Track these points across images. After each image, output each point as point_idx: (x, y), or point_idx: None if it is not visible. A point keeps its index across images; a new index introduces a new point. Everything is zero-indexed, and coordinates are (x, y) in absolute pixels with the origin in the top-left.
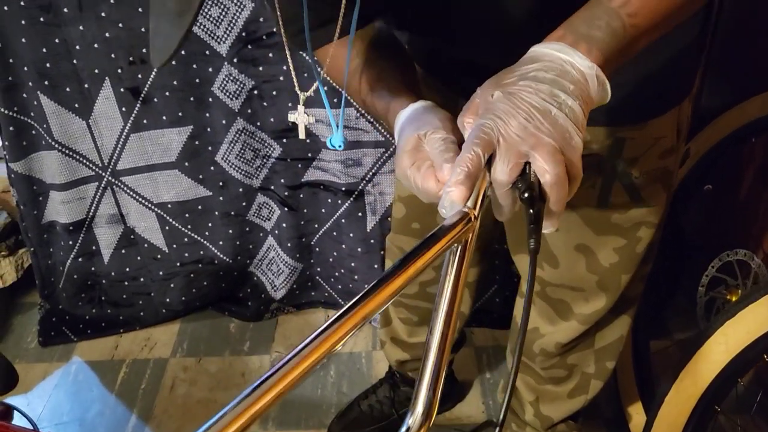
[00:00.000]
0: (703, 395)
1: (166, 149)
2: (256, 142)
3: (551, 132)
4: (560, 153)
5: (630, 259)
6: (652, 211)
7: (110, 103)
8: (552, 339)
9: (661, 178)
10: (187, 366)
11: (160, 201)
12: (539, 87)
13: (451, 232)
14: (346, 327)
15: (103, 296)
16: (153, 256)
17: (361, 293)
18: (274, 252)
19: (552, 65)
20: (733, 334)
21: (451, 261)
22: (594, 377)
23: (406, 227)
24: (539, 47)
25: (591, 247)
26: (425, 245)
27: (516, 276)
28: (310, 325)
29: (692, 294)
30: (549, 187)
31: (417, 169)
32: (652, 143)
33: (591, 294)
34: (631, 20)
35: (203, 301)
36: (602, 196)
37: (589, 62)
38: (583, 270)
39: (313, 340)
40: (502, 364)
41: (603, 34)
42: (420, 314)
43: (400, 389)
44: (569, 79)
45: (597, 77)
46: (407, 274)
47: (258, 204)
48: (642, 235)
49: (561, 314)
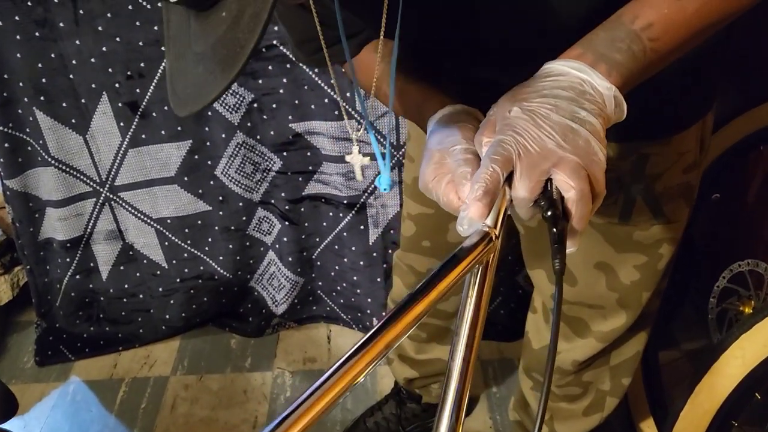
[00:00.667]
0: (720, 410)
1: (165, 164)
2: (256, 156)
3: (574, 149)
4: (584, 169)
5: (651, 276)
6: (674, 228)
7: (108, 118)
8: (569, 357)
9: (684, 194)
10: (188, 384)
11: (159, 216)
12: (559, 103)
13: (473, 253)
14: (370, 356)
15: (102, 314)
16: (152, 273)
17: (382, 320)
18: (275, 266)
19: (571, 84)
20: (749, 347)
21: (473, 283)
22: (609, 394)
23: (416, 245)
24: (556, 64)
25: (611, 264)
26: (446, 268)
27: (520, 288)
28: (312, 340)
29: (701, 305)
30: (573, 204)
31: (438, 182)
32: (676, 159)
33: (610, 312)
34: (652, 44)
35: (203, 317)
36: (624, 213)
37: (608, 83)
38: (603, 288)
39: (335, 372)
40: (509, 378)
41: (623, 57)
42: (429, 331)
43: (406, 406)
44: (588, 98)
45: (615, 98)
46: (429, 299)
47: (258, 218)
48: (663, 252)
49: (578, 332)
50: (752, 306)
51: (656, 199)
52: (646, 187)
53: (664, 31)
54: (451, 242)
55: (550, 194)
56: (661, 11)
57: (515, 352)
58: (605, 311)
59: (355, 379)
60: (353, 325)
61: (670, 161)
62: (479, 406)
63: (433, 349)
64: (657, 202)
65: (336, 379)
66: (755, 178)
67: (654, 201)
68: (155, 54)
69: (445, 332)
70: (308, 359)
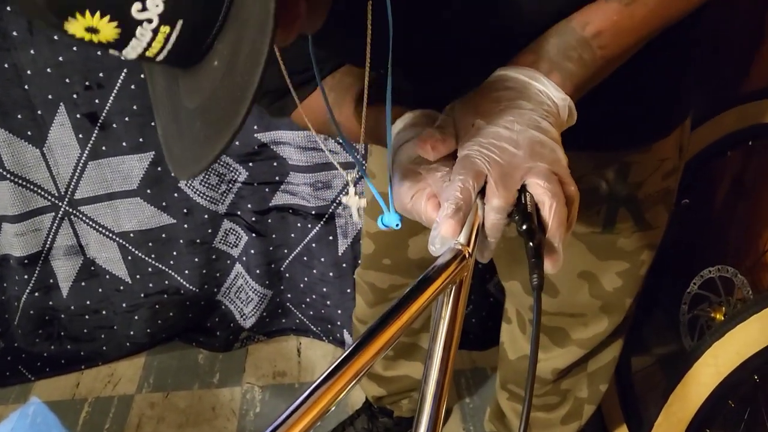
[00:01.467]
0: (694, 419)
1: (126, 176)
2: (221, 167)
3: (542, 158)
4: (554, 174)
5: (633, 282)
6: (655, 233)
7: (66, 130)
8: (548, 366)
9: (663, 199)
10: (155, 402)
11: (121, 230)
12: (522, 113)
13: (445, 272)
14: (341, 383)
15: (63, 332)
16: (115, 288)
17: (353, 344)
18: (243, 279)
19: (528, 94)
20: (722, 355)
21: (446, 303)
22: (587, 402)
23: (376, 263)
24: (511, 71)
25: (594, 273)
26: (418, 288)
27: (491, 296)
28: (282, 353)
29: (673, 311)
30: (549, 209)
31: (418, 201)
32: (657, 165)
33: (592, 318)
34: (602, 52)
35: (170, 332)
36: (607, 223)
37: (563, 95)
38: (586, 296)
39: (304, 402)
40: (482, 387)
41: (576, 66)
42: (396, 349)
43: (378, 420)
44: (546, 108)
45: (570, 108)
46: (402, 321)
47: (224, 230)
48: (645, 258)
49: (557, 342)
50: (723, 312)
51: (638, 207)
52: (628, 195)
53: (613, 39)
54: (412, 258)
55: (523, 207)
56: (610, 18)
57: (488, 361)
58: (587, 319)
59: (327, 407)
60: (323, 337)
61: (651, 168)
62: (452, 418)
63: (401, 365)
64: (639, 209)
65: (305, 409)
66: (723, 184)
67: (636, 208)
68: (114, 63)
69: (413, 348)
70: (278, 373)
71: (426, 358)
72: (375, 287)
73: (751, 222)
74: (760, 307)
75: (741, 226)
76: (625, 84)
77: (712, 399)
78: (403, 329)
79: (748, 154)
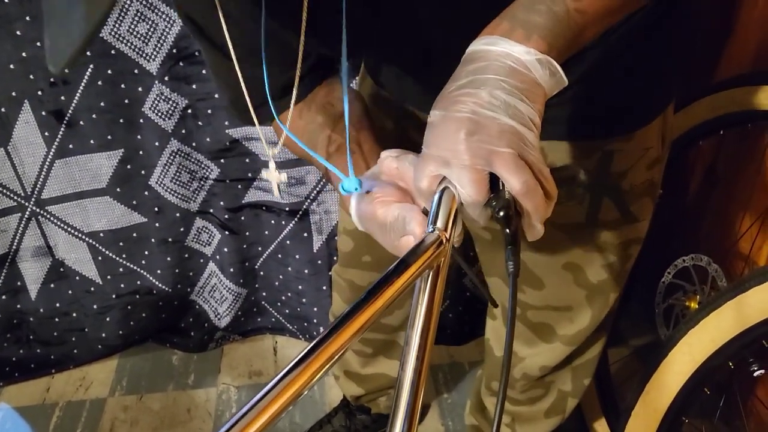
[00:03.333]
0: (670, 407)
1: (95, 175)
2: (192, 164)
3: (502, 140)
4: (521, 159)
5: (619, 277)
6: (641, 226)
7: (31, 128)
8: (536, 362)
9: (648, 191)
10: (128, 405)
11: (91, 230)
12: (477, 93)
13: (423, 257)
14: (312, 368)
15: (32, 335)
16: (86, 289)
17: (326, 330)
18: (216, 278)
19: (487, 64)
20: (697, 343)
21: (423, 288)
22: (570, 395)
23: (356, 260)
24: (474, 44)
25: (579, 264)
26: (394, 273)
27: (467, 291)
28: (258, 352)
29: (648, 301)
30: (522, 198)
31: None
32: (640, 155)
33: (577, 312)
34: (576, 4)
35: (142, 333)
36: (591, 214)
37: (525, 48)
38: (571, 286)
39: (273, 387)
40: (460, 382)
41: (543, 19)
42: (374, 346)
43: (356, 417)
44: (506, 73)
45: (540, 61)
46: (377, 306)
47: (197, 228)
48: (632, 252)
49: (543, 337)
50: (698, 301)
51: (623, 198)
52: (612, 185)
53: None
54: (393, 257)
55: (502, 194)
56: None
57: (465, 356)
58: (572, 313)
59: (300, 391)
60: (300, 336)
61: (635, 158)
62: (431, 413)
63: (380, 363)
64: (624, 201)
65: (278, 391)
66: (695, 174)
67: (621, 200)
68: (81, 58)
69: (391, 345)
70: (254, 373)
71: (403, 346)
72: (354, 284)
73: (724, 211)
74: (733, 294)
75: (714, 215)
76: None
77: (688, 387)
78: (379, 313)
79: (719, 143)
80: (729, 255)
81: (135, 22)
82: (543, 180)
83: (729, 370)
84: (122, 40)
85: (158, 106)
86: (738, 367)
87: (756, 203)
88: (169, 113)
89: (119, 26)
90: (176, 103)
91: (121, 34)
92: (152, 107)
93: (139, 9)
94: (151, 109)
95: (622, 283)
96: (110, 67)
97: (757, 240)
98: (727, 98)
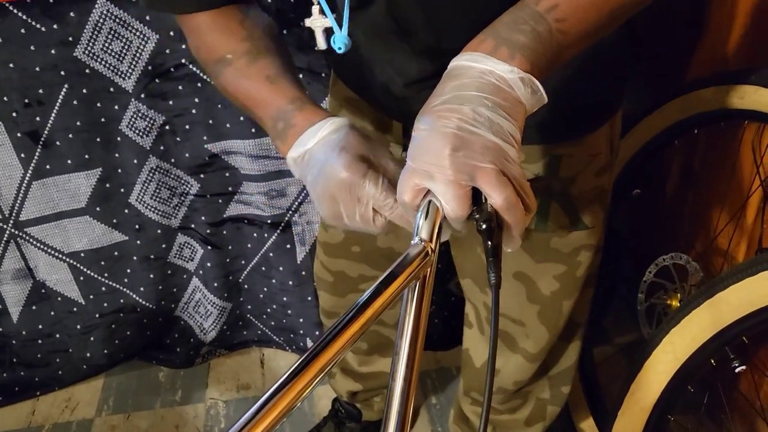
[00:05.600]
0: (655, 405)
1: (74, 195)
2: (171, 180)
3: (485, 156)
4: (503, 174)
5: (571, 285)
6: (591, 234)
7: (6, 150)
8: (510, 378)
9: (598, 198)
10: (115, 424)
11: (71, 250)
12: (461, 110)
13: (409, 268)
14: (307, 378)
15: (15, 358)
16: (68, 310)
17: (320, 339)
18: (200, 293)
19: (471, 81)
20: (679, 341)
21: (410, 299)
22: (550, 403)
23: (346, 251)
24: (457, 60)
25: (530, 276)
26: (382, 284)
27: (453, 295)
28: (245, 366)
29: (630, 300)
30: (504, 213)
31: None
32: (588, 161)
33: (532, 330)
34: (559, 25)
35: (128, 351)
36: (540, 220)
37: (509, 66)
38: (523, 300)
39: (271, 398)
40: (448, 387)
41: (527, 38)
42: (369, 341)
43: (345, 426)
44: (489, 90)
45: (522, 80)
46: (367, 316)
47: (179, 244)
48: (582, 259)
49: (509, 345)
50: (679, 299)
51: (572, 205)
52: (560, 191)
53: (570, 12)
54: (381, 248)
55: (484, 207)
56: None
57: (453, 361)
58: (527, 329)
59: (293, 403)
60: (286, 347)
61: (583, 163)
62: (420, 419)
63: (376, 361)
64: (573, 207)
65: (272, 405)
66: (672, 173)
67: (570, 206)
68: (54, 79)
69: (388, 343)
70: (242, 386)
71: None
72: (345, 276)
73: (702, 209)
74: (711, 293)
75: (692, 214)
76: (553, 75)
77: (672, 385)
78: (369, 324)
79: (694, 142)
80: (708, 252)
81: (109, 40)
82: (523, 194)
83: (711, 367)
84: (96, 58)
85: (135, 124)
86: (720, 364)
87: (732, 200)
88: (147, 130)
89: (93, 45)
90: (153, 119)
91: (95, 53)
92: (129, 125)
93: (112, 27)
94: (128, 127)
95: (576, 290)
96: (85, 86)
97: (734, 237)
98: (699, 98)
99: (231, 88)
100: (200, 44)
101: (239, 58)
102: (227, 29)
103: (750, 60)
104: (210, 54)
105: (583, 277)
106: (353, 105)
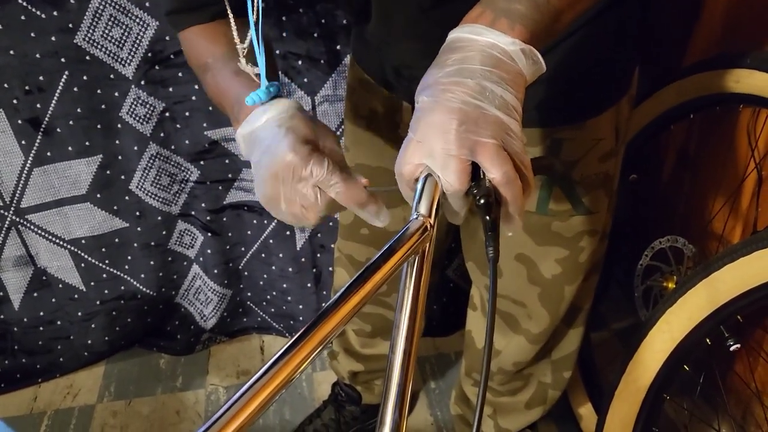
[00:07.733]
0: (652, 385)
1: (74, 182)
2: (171, 167)
3: (487, 131)
4: (503, 149)
5: (573, 269)
6: (595, 219)
7: (7, 137)
8: (509, 359)
9: (603, 184)
10: (117, 410)
11: (72, 237)
12: (466, 83)
13: (408, 243)
14: (306, 350)
15: (16, 345)
16: (69, 297)
17: (318, 313)
18: (201, 280)
19: (474, 54)
20: (675, 321)
21: (409, 273)
22: (551, 387)
23: (354, 233)
24: (457, 32)
25: (532, 257)
26: (381, 258)
27: (451, 281)
28: (245, 352)
29: (627, 284)
30: (502, 188)
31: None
32: (591, 145)
33: (533, 311)
34: None
35: (129, 338)
36: (541, 202)
37: (510, 38)
38: (524, 281)
39: (270, 368)
40: (447, 373)
41: (525, 7)
42: (373, 323)
43: (345, 409)
44: (492, 63)
45: (523, 51)
46: (365, 290)
47: (179, 231)
48: (584, 244)
49: (511, 327)
50: (675, 281)
51: (574, 189)
52: (562, 174)
53: None
54: (390, 231)
55: (482, 183)
56: None
57: (451, 347)
58: (528, 310)
59: (293, 374)
60: (286, 334)
61: (585, 147)
62: (419, 403)
63: (379, 344)
64: (575, 191)
65: (271, 375)
66: (668, 157)
67: (572, 190)
68: (54, 66)
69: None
70: (242, 372)
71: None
72: (353, 259)
73: (697, 192)
74: (707, 273)
75: (688, 197)
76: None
77: (668, 364)
78: (367, 298)
79: (690, 127)
80: (704, 235)
81: (109, 27)
82: (524, 170)
83: (707, 346)
84: (96, 45)
85: (135, 111)
86: (715, 343)
87: (727, 184)
88: (147, 117)
89: (93, 31)
90: (153, 106)
91: (96, 40)
92: (129, 112)
93: (112, 14)
94: (128, 114)
95: (579, 275)
96: (85, 73)
97: (729, 219)
98: (695, 82)
99: (209, 89)
100: (190, 52)
101: (217, 61)
102: (212, 37)
103: (745, 44)
104: (197, 60)
105: (587, 262)
106: (366, 86)
